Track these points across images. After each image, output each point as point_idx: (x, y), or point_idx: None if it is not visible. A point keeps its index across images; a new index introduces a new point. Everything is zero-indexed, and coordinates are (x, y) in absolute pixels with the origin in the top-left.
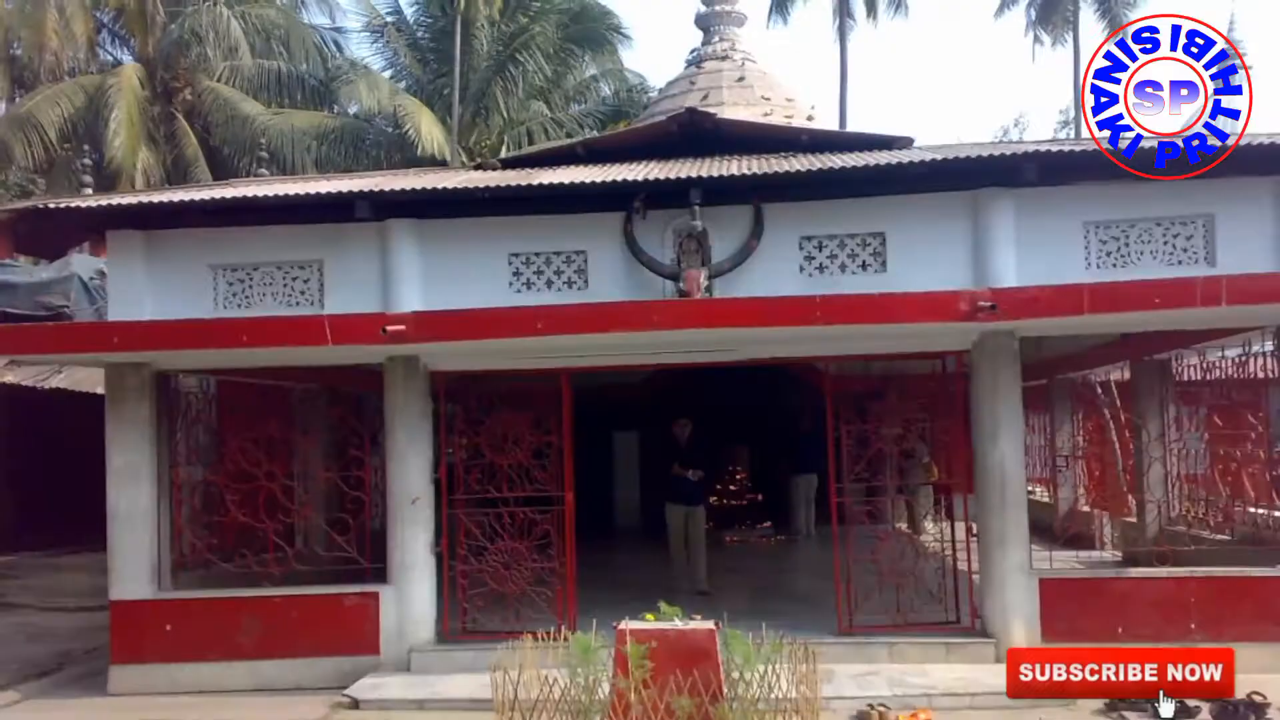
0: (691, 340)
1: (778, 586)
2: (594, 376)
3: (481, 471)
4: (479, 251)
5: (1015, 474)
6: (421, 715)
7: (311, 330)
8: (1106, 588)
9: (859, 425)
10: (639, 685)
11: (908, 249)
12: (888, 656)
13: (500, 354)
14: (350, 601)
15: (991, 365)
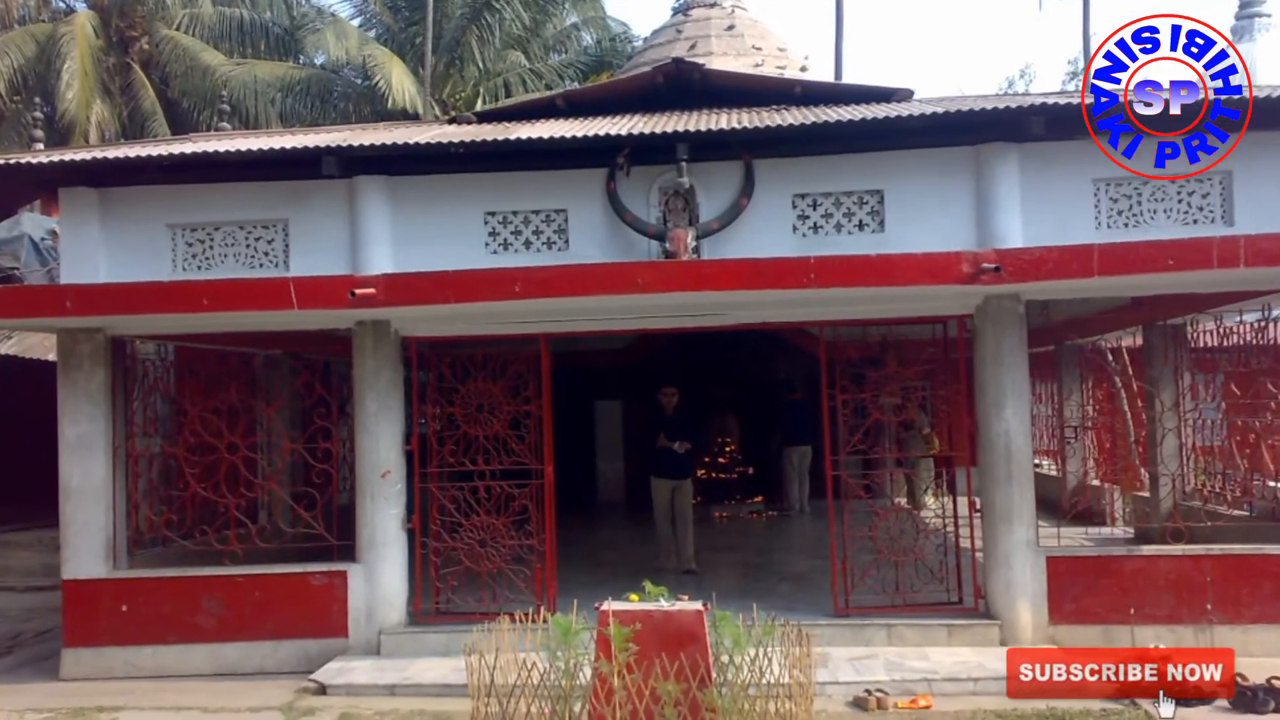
0: (678, 304)
1: (769, 565)
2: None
3: (456, 443)
4: (453, 210)
5: (1021, 446)
6: (392, 701)
7: (275, 293)
8: (1117, 566)
9: (855, 394)
10: (622, 669)
11: (907, 207)
12: (886, 639)
13: (476, 318)
14: (317, 581)
15: (996, 330)
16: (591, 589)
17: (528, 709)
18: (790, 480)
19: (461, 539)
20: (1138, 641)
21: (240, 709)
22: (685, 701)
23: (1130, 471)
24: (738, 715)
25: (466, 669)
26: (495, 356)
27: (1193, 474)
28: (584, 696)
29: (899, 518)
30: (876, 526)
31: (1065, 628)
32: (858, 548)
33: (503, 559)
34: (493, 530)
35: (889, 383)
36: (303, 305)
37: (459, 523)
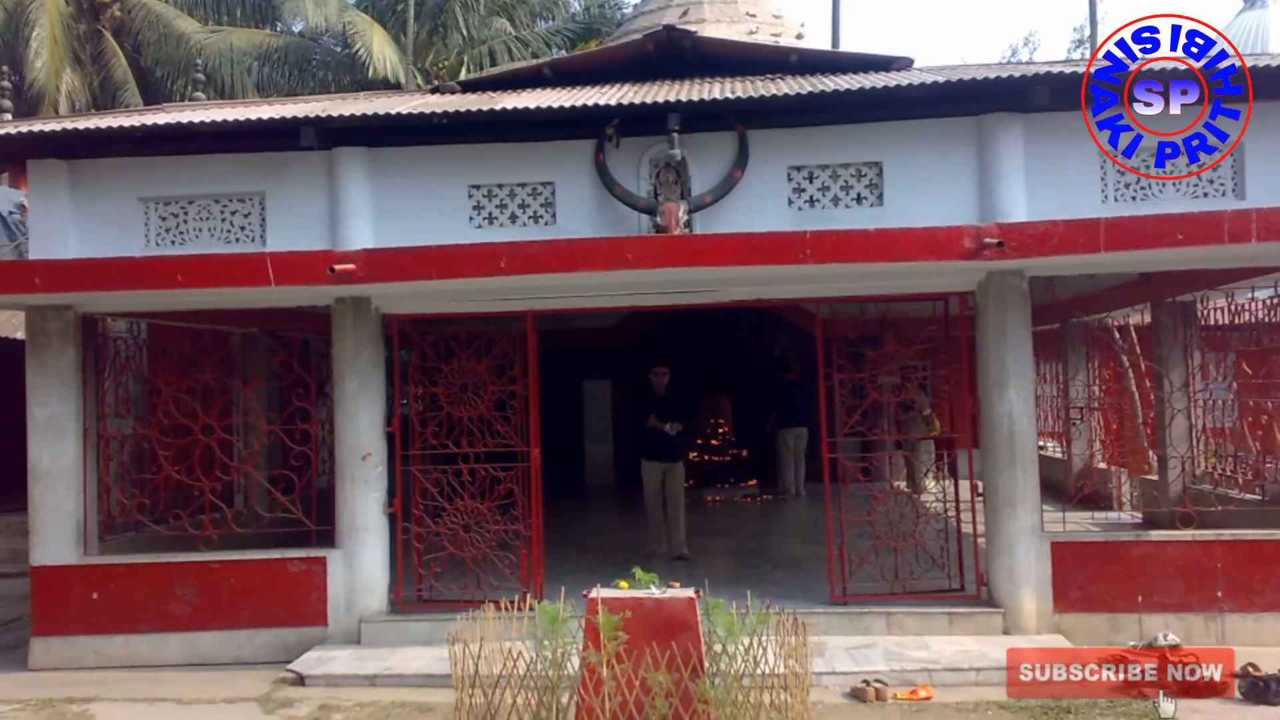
0: (669, 280)
1: (764, 551)
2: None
3: (439, 424)
4: (436, 183)
5: (1025, 427)
6: (373, 692)
7: (252, 269)
8: (1125, 552)
9: (853, 373)
10: (612, 659)
11: (907, 180)
12: (885, 628)
13: (459, 295)
14: (295, 567)
15: (999, 308)
16: (580, 576)
17: (513, 700)
18: (785, 463)
19: (445, 524)
20: (1146, 630)
21: (215, 700)
22: (677, 692)
23: (1138, 454)
24: (731, 706)
25: (450, 659)
26: (480, 335)
27: (1203, 456)
28: (572, 687)
29: (898, 502)
30: (875, 511)
31: (1071, 616)
32: (855, 533)
33: (487, 545)
34: (477, 515)
35: (888, 362)
36: (280, 282)
37: (442, 507)
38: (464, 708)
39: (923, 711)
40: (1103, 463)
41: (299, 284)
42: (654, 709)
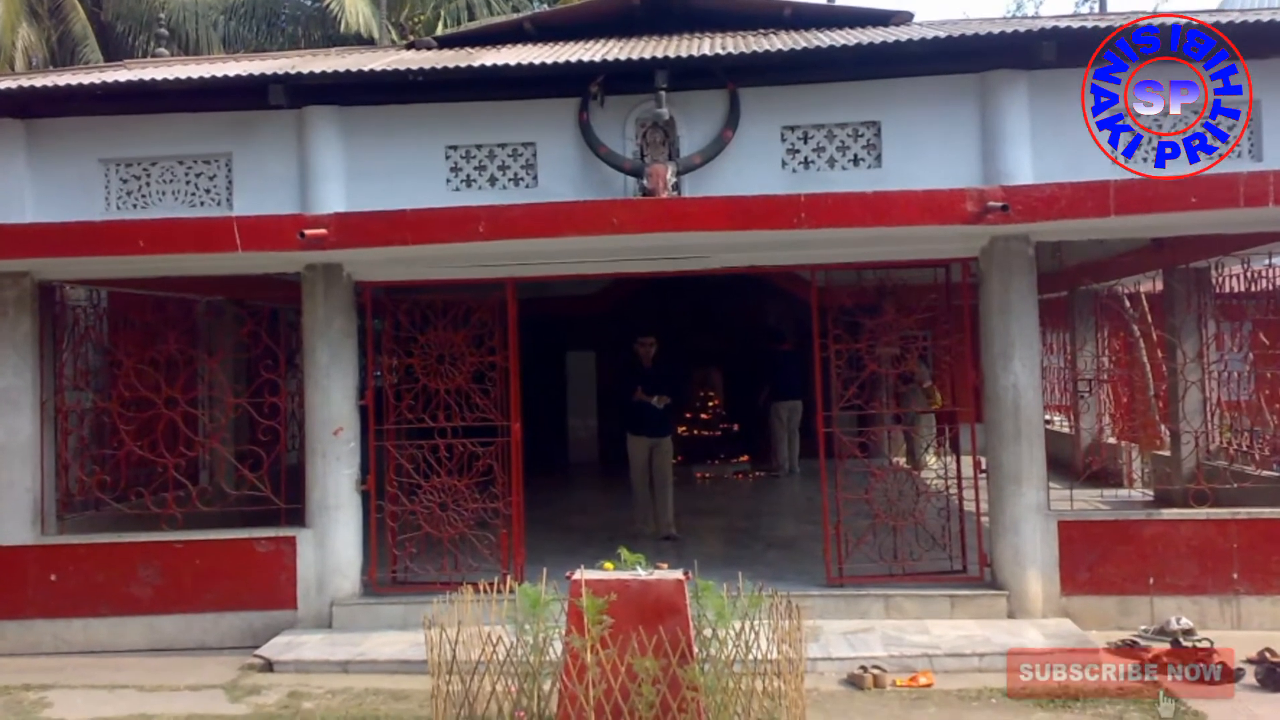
0: (657, 245)
1: (756, 530)
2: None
3: (414, 397)
4: (412, 144)
5: (1030, 400)
6: (345, 678)
7: (218, 235)
8: (1135, 532)
9: (850, 344)
10: (596, 644)
11: (906, 141)
12: (883, 611)
13: (436, 261)
14: (263, 548)
15: (1003, 274)
16: (562, 557)
17: (493, 687)
18: (779, 438)
19: (421, 502)
20: (1158, 613)
21: (179, 687)
22: (664, 679)
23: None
24: (721, 694)
25: (426, 644)
26: (457, 303)
27: (1217, 431)
28: (554, 674)
29: (897, 479)
30: (873, 488)
31: (1079, 599)
32: (852, 512)
33: (465, 524)
34: (455, 492)
35: (886, 332)
36: (247, 247)
37: (418, 484)
38: (440, 695)
39: (923, 699)
40: (1112, 438)
41: (267, 250)
42: (640, 696)
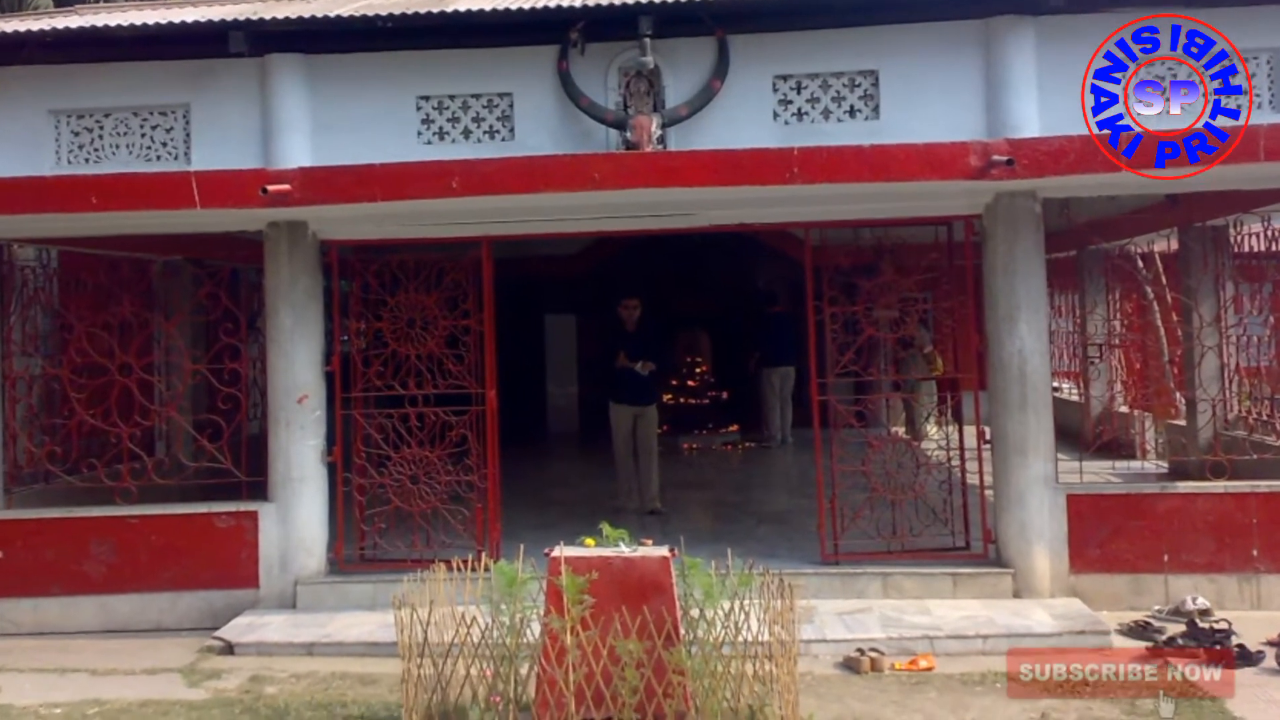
0: (641, 202)
1: (746, 504)
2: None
3: (384, 363)
4: (381, 94)
5: (1037, 366)
6: (310, 661)
7: (175, 190)
8: (1149, 506)
9: (846, 306)
10: (577, 625)
11: (906, 91)
12: (881, 590)
13: (407, 219)
14: (222, 523)
15: (1008, 233)
16: (541, 532)
17: (467, 671)
18: (770, 406)
19: (390, 474)
20: (1173, 592)
21: (134, 670)
22: (649, 662)
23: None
24: (709, 678)
25: (396, 625)
26: (429, 263)
27: (1236, 399)
28: (532, 657)
29: (896, 450)
30: (870, 460)
31: (1088, 577)
32: (849, 485)
33: (438, 497)
34: (426, 464)
35: (885, 293)
36: (206, 204)
37: (387, 455)
38: (411, 679)
39: (924, 684)
40: (1124, 406)
41: (227, 206)
42: (623, 681)
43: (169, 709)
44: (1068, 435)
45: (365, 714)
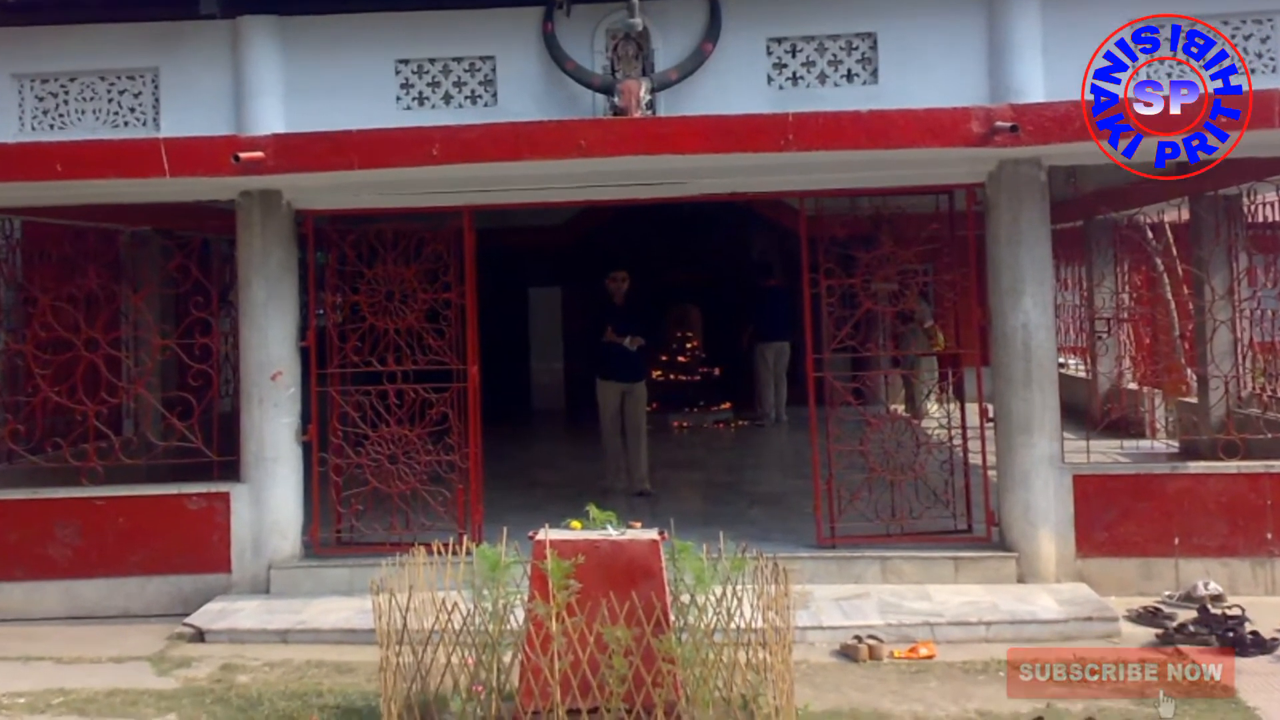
0: (629, 170)
1: (739, 485)
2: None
3: (361, 338)
4: (358, 57)
5: (1042, 341)
6: (284, 649)
7: (143, 158)
8: (1159, 487)
9: (843, 279)
10: (562, 611)
11: (905, 54)
12: (879, 575)
13: (385, 188)
14: (193, 504)
15: (1012, 202)
16: (525, 514)
17: (448, 659)
18: (764, 383)
19: (368, 454)
20: (1183, 577)
21: (100, 658)
22: (638, 650)
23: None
24: (700, 666)
25: (374, 611)
26: (409, 234)
27: (1250, 376)
28: (516, 644)
29: (895, 429)
30: (868, 439)
31: (1096, 561)
32: (846, 465)
33: (417, 478)
34: (405, 443)
35: (883, 265)
36: (176, 172)
37: (365, 434)
38: (390, 667)
39: (924, 673)
40: (1133, 383)
41: (198, 175)
42: (611, 669)
43: (137, 698)
44: (1074, 413)
45: (342, 703)
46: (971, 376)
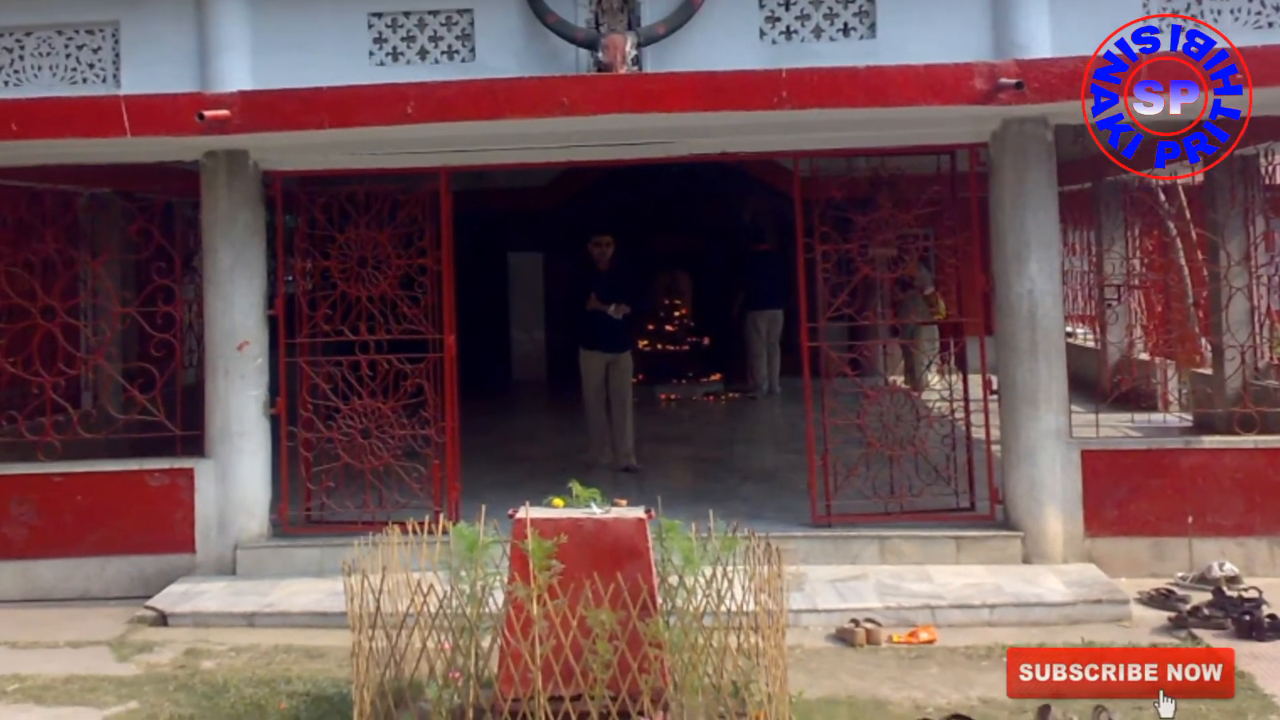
0: (614, 129)
1: (730, 461)
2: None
3: (332, 306)
4: (329, 10)
5: (1049, 309)
6: (251, 634)
7: (103, 117)
8: (1172, 462)
9: (839, 244)
10: (544, 594)
11: (905, 7)
12: (878, 555)
13: (357, 148)
14: (155, 481)
15: (1017, 163)
16: (504, 491)
17: (423, 644)
18: (756, 354)
19: (339, 428)
20: (1198, 557)
21: (58, 643)
22: (623, 634)
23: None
24: (689, 651)
25: (345, 593)
26: (382, 196)
27: (1267, 345)
28: (495, 628)
29: (895, 401)
30: (866, 412)
31: (1105, 540)
32: (842, 439)
33: (391, 453)
34: (379, 417)
35: (882, 229)
36: (137, 132)
37: (336, 407)
38: (362, 652)
39: (924, 658)
40: (1144, 353)
41: (160, 134)
42: (595, 654)
43: (96, 685)
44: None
45: (312, 690)
46: (974, 346)
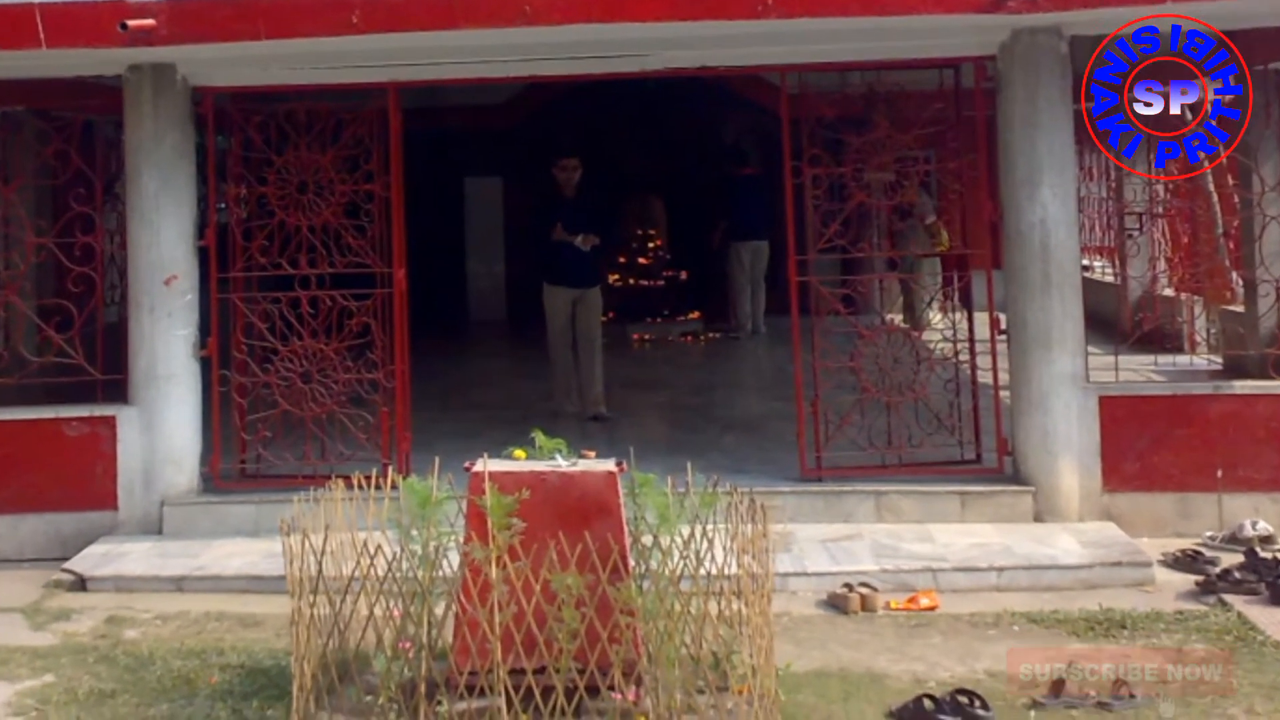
0: (582, 40)
1: (710, 408)
2: (437, 95)
3: (269, 237)
4: None
5: (1063, 240)
6: (179, 599)
7: (15, 26)
8: (1199, 409)
9: (831, 167)
10: (504, 555)
11: None
12: (874, 513)
13: (297, 61)
14: (73, 430)
15: (1028, 78)
16: (460, 442)
17: (370, 610)
18: (739, 289)
19: (277, 371)
20: (1227, 515)
21: None
22: (591, 600)
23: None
24: (665, 619)
25: (284, 554)
26: (325, 115)
27: None
28: (449, 593)
29: (892, 342)
30: (860, 354)
31: (1125, 496)
32: (834, 384)
33: (335, 400)
34: (321, 359)
35: (878, 152)
36: (54, 43)
37: (274, 349)
38: (303, 620)
39: (925, 626)
40: (1169, 289)
41: (79, 46)
42: (560, 623)
43: (8, 657)
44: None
45: (246, 662)
46: (981, 281)
